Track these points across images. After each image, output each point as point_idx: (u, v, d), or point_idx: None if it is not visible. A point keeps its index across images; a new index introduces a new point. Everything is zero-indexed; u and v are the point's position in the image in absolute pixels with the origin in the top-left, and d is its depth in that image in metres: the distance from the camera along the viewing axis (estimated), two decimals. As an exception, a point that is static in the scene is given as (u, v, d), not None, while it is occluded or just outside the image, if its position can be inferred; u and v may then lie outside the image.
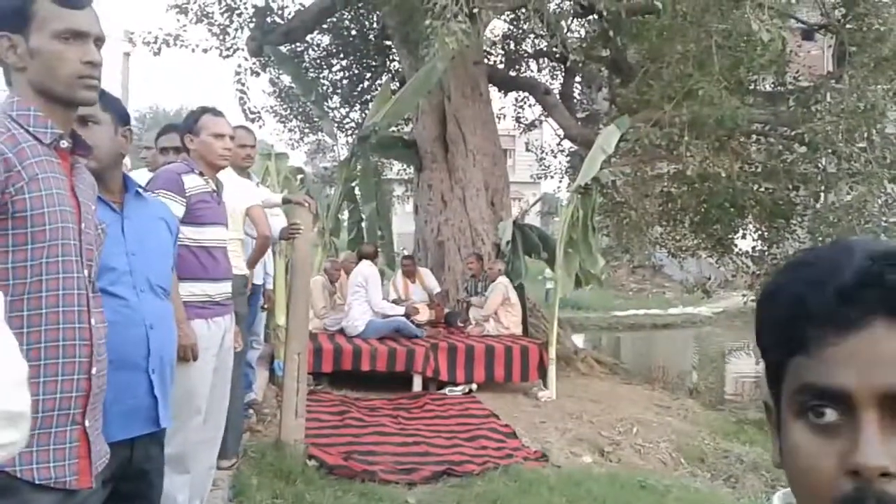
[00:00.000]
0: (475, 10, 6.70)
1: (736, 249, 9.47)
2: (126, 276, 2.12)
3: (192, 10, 10.68)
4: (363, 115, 12.83)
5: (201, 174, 3.37)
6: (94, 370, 1.61)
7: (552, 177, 14.02)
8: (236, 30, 11.19)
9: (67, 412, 1.56)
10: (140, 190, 2.38)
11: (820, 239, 7.37)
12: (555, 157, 13.52)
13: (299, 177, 8.00)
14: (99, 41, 1.62)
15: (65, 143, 1.61)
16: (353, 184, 9.41)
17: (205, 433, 3.26)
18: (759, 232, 9.11)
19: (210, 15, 10.90)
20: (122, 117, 2.25)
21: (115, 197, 2.21)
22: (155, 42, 10.40)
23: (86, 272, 1.62)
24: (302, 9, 11.33)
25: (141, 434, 2.08)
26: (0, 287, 1.47)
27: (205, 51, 11.15)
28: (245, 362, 4.48)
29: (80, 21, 1.57)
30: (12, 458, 1.45)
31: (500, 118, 11.64)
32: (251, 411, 5.16)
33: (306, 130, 14.06)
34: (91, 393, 1.61)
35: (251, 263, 4.31)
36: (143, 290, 2.15)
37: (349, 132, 13.36)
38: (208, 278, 3.31)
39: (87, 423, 1.59)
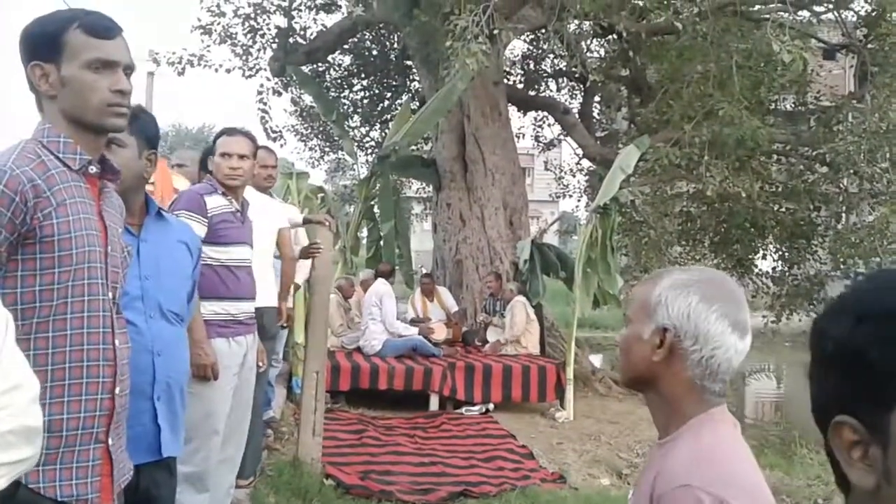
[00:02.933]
0: (495, 32, 6.75)
1: (756, 270, 9.39)
2: (137, 301, 2.13)
3: (215, 31, 10.86)
4: (383, 134, 12.95)
5: (224, 194, 3.40)
6: (117, 389, 1.64)
7: (570, 196, 14.01)
8: (259, 50, 11.36)
9: (91, 431, 1.58)
10: (162, 211, 2.41)
11: (841, 260, 7.30)
12: (573, 176, 13.53)
13: (320, 196, 8.06)
14: (128, 69, 1.66)
15: (93, 169, 1.65)
16: (373, 202, 9.47)
17: (225, 452, 3.27)
18: (780, 252, 9.04)
19: (233, 36, 11.08)
20: (148, 140, 2.27)
21: (135, 220, 2.23)
22: (179, 62, 10.56)
23: (110, 294, 1.65)
24: (324, 30, 11.49)
25: (144, 462, 2.08)
26: (27, 310, 1.51)
27: (228, 71, 11.32)
28: (265, 380, 4.51)
29: (110, 50, 1.61)
30: (37, 474, 1.48)
31: (519, 137, 11.68)
32: (269, 430, 5.18)
33: (326, 149, 14.21)
34: (114, 412, 1.64)
35: (283, 294, 4.34)
36: (152, 315, 2.17)
37: (369, 151, 13.48)
38: (231, 297, 3.33)
39: (110, 442, 1.62)
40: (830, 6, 8.09)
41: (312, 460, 4.40)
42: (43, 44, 1.60)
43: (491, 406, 6.67)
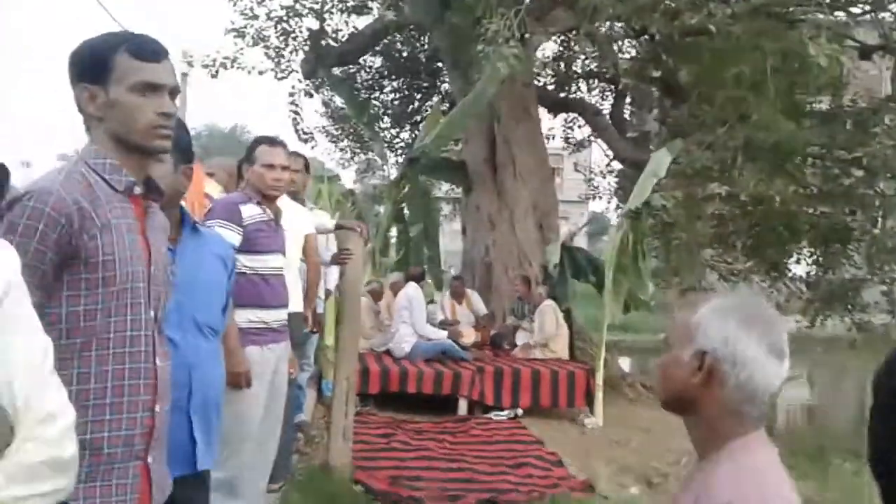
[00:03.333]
0: (526, 35, 6.73)
1: (790, 274, 9.25)
2: (172, 314, 2.17)
3: (249, 33, 10.98)
4: (413, 135, 12.99)
5: (258, 203, 3.45)
6: (157, 408, 1.67)
7: (600, 197, 13.94)
8: (291, 52, 11.47)
9: (130, 448, 1.61)
10: (198, 225, 2.45)
11: (878, 266, 7.16)
12: (604, 177, 13.44)
13: (350, 199, 8.13)
14: (173, 92, 1.69)
15: (138, 190, 1.68)
16: (402, 204, 9.52)
17: (257, 458, 3.32)
18: (814, 257, 8.89)
19: (266, 38, 11.20)
20: (183, 153, 2.31)
21: (171, 234, 2.28)
22: (213, 64, 10.70)
23: (153, 313, 1.68)
24: (355, 32, 11.55)
25: (181, 474, 2.10)
26: (72, 329, 1.55)
27: (260, 73, 11.44)
28: (296, 384, 4.56)
29: (157, 74, 1.64)
30: (77, 491, 1.52)
31: (548, 138, 11.63)
32: (300, 433, 5.24)
33: (357, 150, 14.29)
34: (154, 429, 1.67)
35: (310, 299, 4.38)
36: (188, 329, 2.20)
37: (399, 152, 13.53)
38: (264, 305, 3.38)
39: (149, 460, 1.65)
40: (867, 7, 7.93)
41: (342, 465, 4.44)
42: (91, 66, 1.63)
43: (520, 411, 6.66)
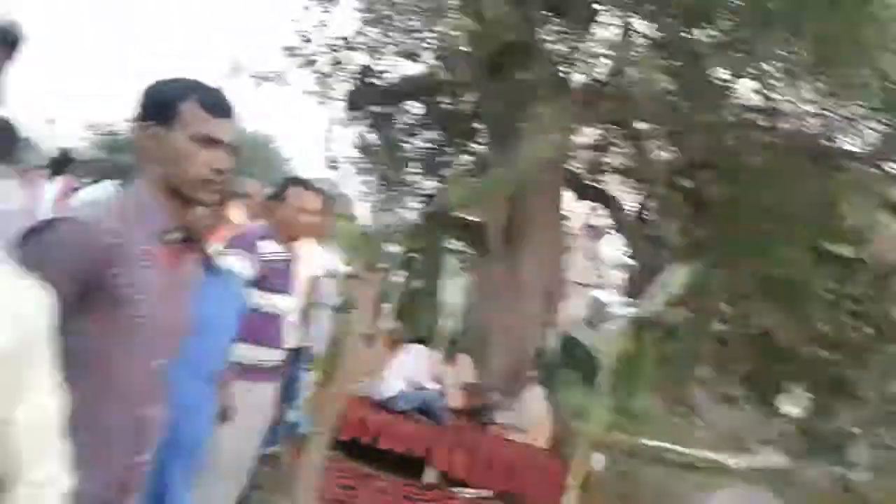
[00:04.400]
0: (573, 126, 6.81)
1: (782, 410, 9.14)
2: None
3: (300, 54, 11.13)
4: (437, 186, 13.06)
5: (281, 241, 3.44)
6: (136, 459, 1.62)
7: (606, 288, 13.91)
8: (339, 82, 11.60)
9: (107, 497, 1.56)
10: (217, 265, 2.43)
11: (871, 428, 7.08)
12: (614, 271, 13.44)
13: (364, 242, 8.13)
14: (230, 149, 1.69)
15: (174, 236, 1.67)
16: (413, 254, 9.51)
17: (221, 490, 3.26)
18: (812, 399, 8.78)
19: (314, 63, 11.34)
20: (222, 199, 2.31)
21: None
22: (262, 77, 10.81)
23: (164, 362, 1.65)
24: (404, 77, 11.71)
25: None
26: (76, 364, 1.50)
27: (304, 93, 11.55)
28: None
29: (220, 129, 1.65)
30: None
31: (567, 220, 11.66)
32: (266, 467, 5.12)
33: (380, 187, 14.33)
34: (134, 480, 1.62)
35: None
36: (192, 373, 2.17)
37: (420, 199, 13.57)
38: (262, 344, 3.35)
39: None
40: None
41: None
42: (158, 107, 1.65)
43: (488, 494, 6.51)
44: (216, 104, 1.65)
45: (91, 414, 1.53)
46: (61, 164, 6.90)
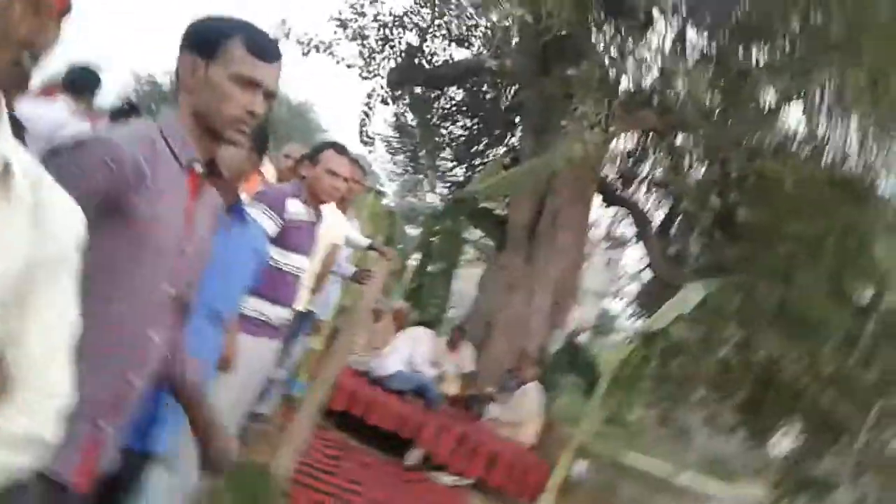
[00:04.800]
0: (611, 129, 6.77)
1: (772, 443, 9.06)
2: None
3: (351, 26, 11.15)
4: (468, 175, 13.05)
5: (306, 202, 3.46)
6: (130, 377, 1.61)
7: (618, 298, 13.87)
8: (384, 58, 11.60)
9: (94, 409, 1.55)
10: (245, 212, 2.45)
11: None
12: (631, 282, 13.38)
13: (389, 220, 8.16)
14: (269, 94, 1.68)
15: (199, 168, 1.67)
16: (433, 238, 9.50)
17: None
18: (805, 437, 8.69)
19: (365, 37, 11.35)
20: (259, 146, 2.32)
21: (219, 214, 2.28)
22: (308, 44, 10.83)
23: (173, 291, 1.65)
24: (450, 61, 11.68)
25: (129, 447, 2.07)
26: (88, 277, 1.51)
27: (349, 66, 11.56)
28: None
29: (262, 73, 1.64)
30: None
31: (592, 226, 11.61)
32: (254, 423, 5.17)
33: (410, 168, 14.35)
34: (124, 399, 1.62)
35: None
36: (200, 314, 2.17)
37: (449, 186, 13.58)
38: (272, 300, 3.37)
39: (107, 426, 1.59)
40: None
41: (282, 474, 4.36)
42: (203, 40, 1.64)
43: (468, 481, 6.52)
44: (262, 47, 1.64)
45: (90, 326, 1.54)
46: (125, 112, 6.95)
